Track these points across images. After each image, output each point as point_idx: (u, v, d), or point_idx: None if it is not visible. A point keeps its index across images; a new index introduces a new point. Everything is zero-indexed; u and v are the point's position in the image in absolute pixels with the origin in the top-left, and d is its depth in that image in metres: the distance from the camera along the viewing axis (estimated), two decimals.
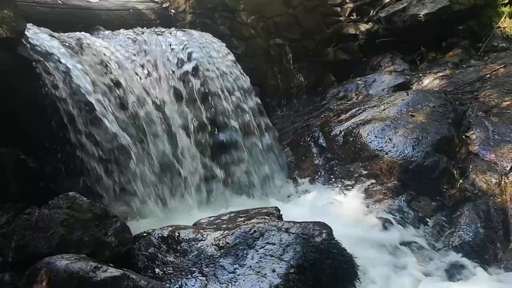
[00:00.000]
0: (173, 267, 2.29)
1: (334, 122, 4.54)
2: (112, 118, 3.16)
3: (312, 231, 2.31)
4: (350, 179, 3.88)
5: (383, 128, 3.97)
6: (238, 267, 2.20)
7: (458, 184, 3.61)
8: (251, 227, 2.37)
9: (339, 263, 2.23)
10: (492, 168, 3.65)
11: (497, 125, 3.94)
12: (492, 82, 4.52)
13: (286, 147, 4.63)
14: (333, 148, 4.23)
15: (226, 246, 2.30)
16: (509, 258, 3.17)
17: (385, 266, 2.97)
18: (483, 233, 3.31)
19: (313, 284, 2.12)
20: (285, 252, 2.21)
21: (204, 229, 2.50)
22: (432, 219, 3.48)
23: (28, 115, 3.04)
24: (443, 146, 3.74)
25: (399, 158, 3.72)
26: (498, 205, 3.46)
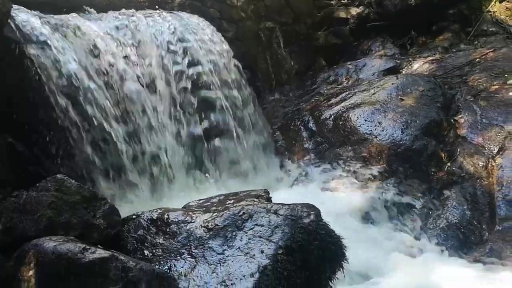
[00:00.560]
0: (162, 249, 2.29)
1: (324, 106, 4.55)
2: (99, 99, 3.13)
3: (300, 213, 2.32)
4: (339, 163, 3.90)
5: (373, 112, 3.98)
6: (227, 248, 2.21)
7: (446, 167, 3.65)
8: (240, 209, 2.38)
9: (327, 244, 2.24)
10: (479, 151, 3.69)
11: (485, 109, 3.98)
12: (481, 66, 4.55)
13: (277, 131, 4.64)
14: (323, 132, 4.24)
15: (215, 228, 2.31)
16: (495, 239, 3.22)
17: (372, 247, 3.01)
18: (470, 215, 3.36)
19: (301, 264, 2.14)
20: (274, 233, 2.22)
21: (194, 211, 2.50)
22: (420, 201, 3.52)
23: (15, 98, 3.01)
24: (431, 129, 3.77)
25: (388, 141, 3.74)
26: (484, 187, 3.51)
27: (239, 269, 2.08)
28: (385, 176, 3.64)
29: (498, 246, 3.15)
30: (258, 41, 5.34)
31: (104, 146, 3.11)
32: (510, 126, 3.75)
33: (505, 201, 3.41)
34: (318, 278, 2.21)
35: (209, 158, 3.89)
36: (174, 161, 3.70)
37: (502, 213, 3.38)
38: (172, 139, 3.81)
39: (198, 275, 2.11)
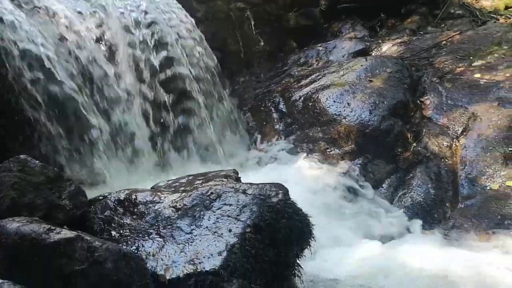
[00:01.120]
0: (129, 229, 2.28)
1: (294, 87, 4.56)
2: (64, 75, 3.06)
3: (268, 192, 2.33)
4: (309, 143, 3.95)
5: (342, 93, 4.02)
6: (195, 227, 2.21)
7: (412, 147, 3.74)
8: (208, 189, 2.38)
9: (294, 222, 2.27)
10: (444, 132, 3.79)
11: (450, 90, 4.07)
12: (447, 49, 4.63)
13: (247, 112, 4.65)
14: (293, 113, 4.27)
15: (184, 208, 2.31)
16: (457, 217, 3.33)
17: (340, 225, 3.07)
18: (434, 193, 3.46)
19: (269, 243, 2.16)
20: (242, 212, 2.23)
21: (162, 191, 2.49)
22: (387, 181, 3.61)
23: None
24: (398, 110, 3.84)
25: (356, 122, 3.79)
26: (448, 167, 3.61)
27: (207, 248, 2.09)
28: (353, 156, 3.71)
29: (460, 222, 3.27)
30: (228, 22, 5.29)
31: (69, 126, 3.04)
32: (473, 107, 3.86)
33: (468, 180, 3.53)
34: (286, 256, 2.24)
35: (177, 139, 3.86)
36: (142, 141, 3.66)
37: (465, 191, 3.49)
38: (140, 120, 3.77)
39: (166, 254, 2.11)
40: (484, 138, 3.64)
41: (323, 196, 3.32)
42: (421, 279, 2.51)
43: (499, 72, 4.04)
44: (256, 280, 2.06)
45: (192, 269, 2.02)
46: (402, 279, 2.51)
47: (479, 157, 3.57)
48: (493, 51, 4.29)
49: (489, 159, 3.53)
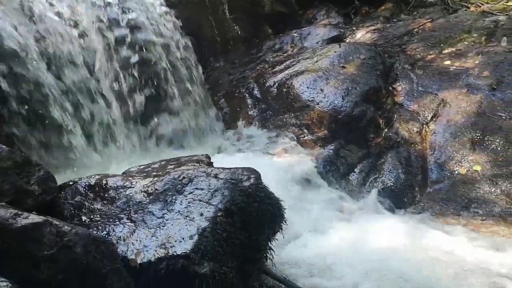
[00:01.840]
0: (100, 214, 2.26)
1: (269, 73, 4.57)
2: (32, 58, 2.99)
3: (240, 176, 2.34)
4: (283, 129, 3.97)
5: (315, 79, 4.05)
6: (166, 212, 2.21)
7: (384, 133, 3.80)
8: (180, 174, 2.37)
9: (266, 206, 2.29)
10: (414, 118, 3.86)
11: (421, 77, 4.14)
12: (419, 36, 4.70)
13: (222, 98, 4.63)
14: (267, 99, 4.27)
15: (155, 193, 2.30)
16: (425, 200, 3.42)
17: (312, 209, 3.11)
18: (404, 178, 3.54)
19: (240, 226, 2.18)
20: (213, 196, 2.24)
21: (133, 177, 2.47)
22: (359, 166, 3.66)
23: None
24: (371, 96, 3.89)
25: (329, 108, 3.83)
26: (418, 152, 3.69)
27: (178, 232, 2.09)
28: (326, 141, 3.75)
29: (429, 205, 3.36)
30: (202, 7, 5.23)
31: (38, 109, 2.98)
32: (443, 94, 3.94)
33: (437, 165, 3.62)
34: (257, 239, 2.26)
35: (150, 124, 3.83)
36: (114, 127, 3.62)
37: (434, 176, 3.58)
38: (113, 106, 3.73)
39: (137, 239, 2.10)
40: (453, 124, 3.72)
41: (296, 180, 3.35)
42: (389, 259, 2.57)
43: (468, 59, 4.13)
44: (228, 263, 2.07)
45: (163, 253, 2.02)
46: (371, 258, 2.57)
47: (448, 142, 3.66)
48: (463, 39, 4.37)
49: (457, 144, 3.62)
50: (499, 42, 4.21)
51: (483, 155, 3.49)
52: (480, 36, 4.34)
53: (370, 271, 2.50)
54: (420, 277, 2.41)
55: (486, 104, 3.72)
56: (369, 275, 2.44)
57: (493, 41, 4.27)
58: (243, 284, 2.16)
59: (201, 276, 1.97)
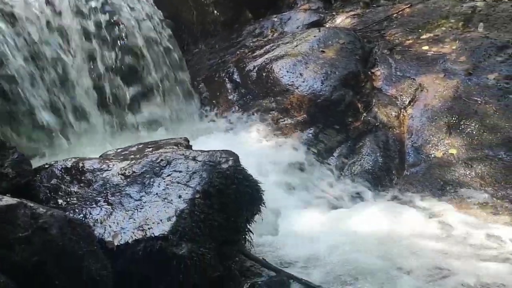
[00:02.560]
0: (77, 197, 2.24)
1: (249, 58, 4.55)
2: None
3: (219, 159, 2.34)
4: (262, 113, 3.97)
5: (295, 63, 4.05)
6: (144, 194, 2.20)
7: (362, 117, 3.83)
8: (158, 156, 2.36)
9: (244, 188, 2.30)
10: (393, 102, 3.90)
11: (399, 62, 4.17)
12: (398, 21, 4.73)
13: (201, 83, 4.61)
14: (247, 83, 4.26)
15: (133, 175, 2.29)
16: (403, 183, 3.48)
17: (291, 191, 3.14)
18: (382, 161, 3.58)
19: (218, 208, 2.18)
20: (192, 178, 2.23)
21: (111, 159, 2.45)
22: (338, 150, 3.69)
23: None
24: (349, 81, 3.91)
25: (308, 92, 3.84)
26: (396, 136, 3.74)
27: (156, 213, 2.09)
28: (305, 125, 3.76)
29: (406, 188, 3.42)
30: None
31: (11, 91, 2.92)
32: (421, 79, 3.98)
33: (414, 148, 3.67)
34: (235, 221, 2.27)
35: (129, 109, 3.79)
36: (91, 110, 3.58)
37: (411, 159, 3.64)
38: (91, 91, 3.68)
39: (114, 221, 2.09)
40: (430, 108, 3.77)
41: (275, 164, 3.36)
42: (367, 240, 2.61)
43: (445, 44, 4.17)
44: (206, 244, 2.08)
45: (141, 235, 2.01)
46: (350, 240, 2.61)
47: (425, 126, 3.71)
48: (440, 24, 4.41)
49: (434, 128, 3.68)
50: (476, 28, 4.26)
51: (458, 138, 3.55)
52: (458, 22, 4.38)
53: (347, 251, 2.54)
54: (396, 256, 2.46)
55: (462, 89, 3.77)
56: (346, 255, 2.47)
57: (470, 26, 4.31)
58: (221, 265, 2.16)
59: (179, 257, 1.98)
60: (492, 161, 3.36)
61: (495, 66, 3.84)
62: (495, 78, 3.75)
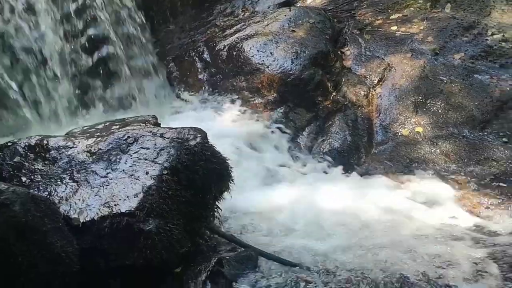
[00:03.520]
0: (41, 175, 2.20)
1: (219, 37, 4.50)
2: None
3: (187, 135, 2.33)
4: (233, 93, 3.95)
5: (265, 42, 4.03)
6: (110, 171, 2.18)
7: (332, 96, 3.86)
8: (125, 133, 2.34)
9: (212, 165, 2.29)
10: (362, 82, 3.95)
11: (369, 42, 4.21)
12: (368, 2, 4.75)
13: (171, 63, 4.54)
14: (218, 63, 4.23)
15: (99, 152, 2.26)
16: (371, 161, 3.54)
17: (261, 169, 3.16)
18: (350, 140, 3.63)
19: (186, 184, 2.18)
20: (159, 155, 2.22)
21: (76, 137, 2.41)
22: (307, 128, 3.72)
23: None
24: (319, 60, 3.92)
25: (278, 71, 3.83)
26: (365, 115, 3.79)
27: (123, 190, 2.07)
28: (276, 104, 3.77)
29: (374, 166, 3.48)
30: None
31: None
32: (389, 58, 4.03)
33: (382, 127, 3.73)
34: (204, 197, 2.27)
35: (97, 89, 3.72)
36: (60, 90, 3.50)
37: (379, 137, 3.70)
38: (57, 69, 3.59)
39: (80, 198, 2.07)
40: (398, 87, 3.84)
41: (245, 143, 3.37)
42: (332, 214, 2.66)
43: (413, 24, 4.23)
44: (173, 220, 2.08)
45: (107, 211, 2.00)
46: (316, 216, 2.65)
47: (393, 105, 3.78)
48: (409, 5, 4.45)
49: (401, 107, 3.74)
50: (443, 9, 4.32)
51: (425, 117, 3.63)
52: (426, 2, 4.43)
53: (314, 228, 2.58)
54: (361, 230, 2.51)
55: (429, 69, 3.84)
56: (313, 232, 2.51)
57: (437, 7, 4.37)
58: (189, 241, 2.17)
59: (146, 233, 1.97)
60: (456, 139, 3.45)
61: (461, 46, 3.92)
62: (461, 58, 3.84)
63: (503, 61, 3.72)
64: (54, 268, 1.77)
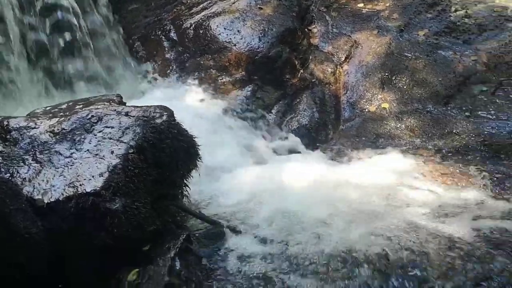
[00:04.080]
0: (2, 156, 2.13)
1: (185, 15, 4.44)
2: None
3: (153, 114, 2.30)
4: (200, 72, 3.92)
5: (232, 20, 4.00)
6: (75, 151, 2.14)
7: (299, 74, 3.88)
8: (88, 112, 2.29)
9: (179, 143, 2.28)
10: (329, 59, 3.97)
11: (335, 19, 4.23)
12: None
13: (137, 42, 4.46)
14: (184, 41, 4.17)
15: (62, 132, 2.21)
16: (338, 138, 3.60)
17: (230, 147, 3.16)
18: (318, 117, 3.67)
19: (153, 163, 2.16)
20: (124, 134, 2.19)
21: (38, 117, 2.35)
22: (276, 106, 3.74)
23: None
24: (286, 38, 3.92)
25: (246, 49, 3.82)
26: (332, 92, 3.82)
27: (88, 170, 2.04)
28: (244, 83, 3.76)
29: (341, 142, 3.53)
30: None
31: None
32: (356, 35, 4.07)
33: (349, 104, 3.78)
34: (171, 175, 2.26)
35: (60, 68, 3.62)
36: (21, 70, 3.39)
37: (346, 114, 3.75)
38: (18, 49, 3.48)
39: (44, 179, 2.03)
40: (364, 64, 3.88)
41: (213, 122, 3.36)
42: (299, 190, 2.69)
43: (379, 1, 4.27)
44: (140, 199, 2.07)
45: (72, 191, 1.97)
46: (284, 193, 2.67)
47: (360, 82, 3.82)
48: None
49: (368, 84, 3.79)
50: None
51: (390, 93, 3.69)
52: None
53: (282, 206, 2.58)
54: (329, 205, 2.55)
55: (395, 45, 3.89)
56: (277, 205, 2.52)
57: None
58: (158, 220, 2.17)
59: (113, 212, 1.96)
60: (421, 114, 3.53)
61: (425, 23, 3.98)
62: (425, 34, 3.90)
63: (466, 37, 3.79)
64: (18, 249, 1.74)
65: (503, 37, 3.67)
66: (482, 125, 3.24)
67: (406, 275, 1.96)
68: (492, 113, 3.28)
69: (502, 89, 3.39)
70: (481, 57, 3.60)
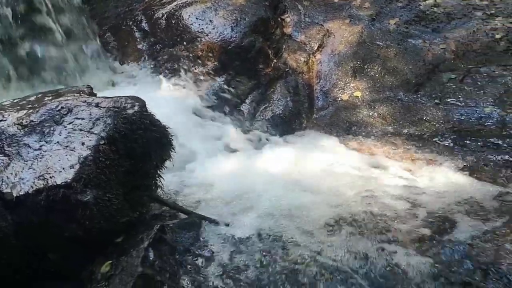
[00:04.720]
0: None
1: (157, 5, 4.37)
2: None
3: (124, 104, 2.28)
4: (173, 62, 3.88)
5: (204, 10, 3.96)
6: (44, 143, 2.10)
7: (273, 63, 3.88)
8: (58, 104, 2.25)
9: (151, 133, 2.26)
10: (302, 48, 3.98)
11: (308, 8, 4.24)
12: None
13: (107, 32, 4.38)
14: (156, 32, 4.12)
15: (31, 124, 2.17)
16: (311, 126, 3.63)
17: (203, 137, 3.16)
18: (292, 106, 3.69)
19: (125, 153, 2.14)
20: (95, 125, 2.16)
21: (5, 110, 2.30)
22: (250, 96, 3.74)
23: None
24: (259, 27, 3.91)
25: (219, 39, 3.79)
26: (305, 81, 3.84)
27: (58, 162, 2.01)
28: (217, 73, 3.74)
29: (315, 130, 3.56)
30: None
31: None
32: (328, 25, 4.08)
33: (322, 93, 3.81)
34: (144, 166, 2.25)
35: (27, 60, 3.54)
36: None
37: (319, 103, 3.78)
38: None
39: (12, 172, 1.99)
40: (337, 53, 3.91)
41: (186, 112, 3.35)
42: (278, 180, 2.71)
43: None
44: (112, 190, 2.05)
45: (42, 184, 1.94)
46: (261, 180, 2.69)
47: (332, 71, 3.85)
48: None
49: (340, 72, 3.82)
50: None
51: (363, 82, 3.73)
52: None
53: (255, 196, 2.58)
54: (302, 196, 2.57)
55: (366, 34, 3.93)
56: (253, 199, 2.52)
57: None
58: (131, 211, 2.16)
59: (84, 204, 1.94)
60: (392, 101, 3.57)
61: (396, 12, 4.03)
62: (396, 23, 3.94)
63: (435, 25, 3.85)
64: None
65: (471, 26, 3.75)
66: (451, 112, 3.30)
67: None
68: (460, 100, 3.35)
69: (470, 77, 3.46)
70: (450, 45, 3.66)
